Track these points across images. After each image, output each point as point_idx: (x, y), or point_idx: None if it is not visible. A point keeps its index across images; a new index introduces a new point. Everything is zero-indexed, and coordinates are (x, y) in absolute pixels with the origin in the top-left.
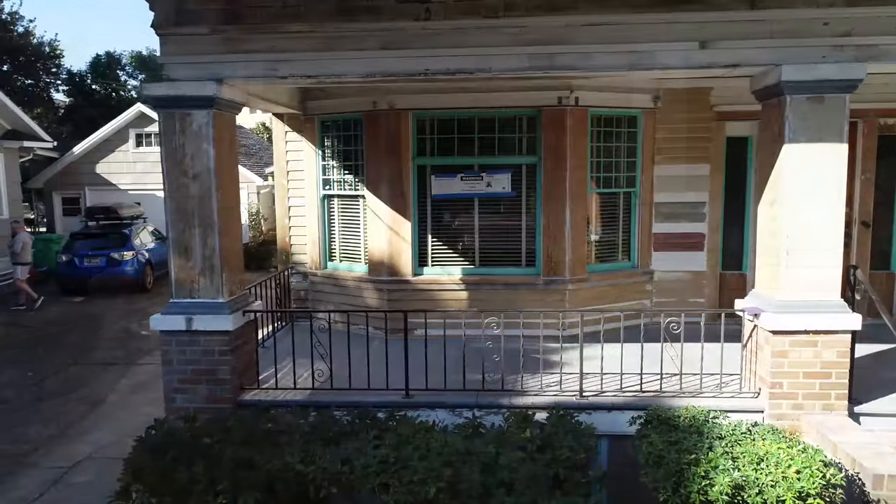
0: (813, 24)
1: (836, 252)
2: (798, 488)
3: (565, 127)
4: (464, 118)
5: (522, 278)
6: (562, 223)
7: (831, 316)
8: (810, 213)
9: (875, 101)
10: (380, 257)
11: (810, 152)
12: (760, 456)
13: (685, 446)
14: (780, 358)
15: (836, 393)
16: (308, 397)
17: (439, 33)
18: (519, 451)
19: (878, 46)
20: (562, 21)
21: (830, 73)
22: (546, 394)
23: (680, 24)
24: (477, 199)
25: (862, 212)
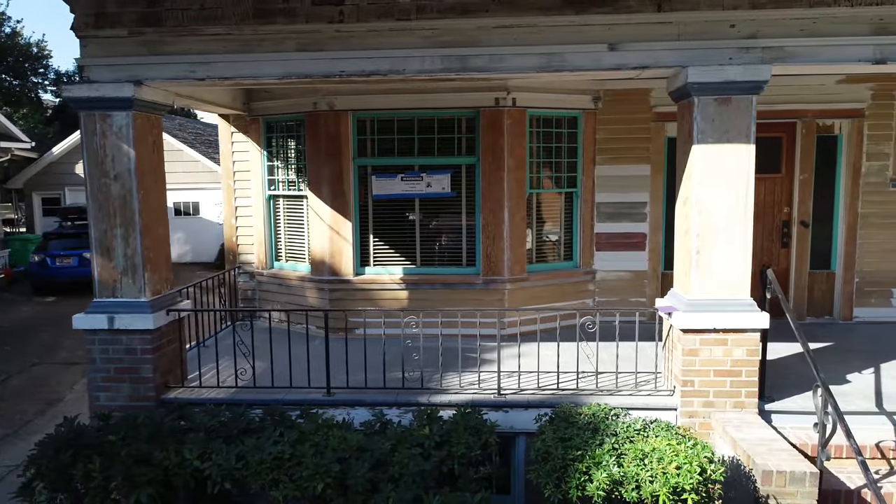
0: (720, 26)
1: (744, 251)
2: (673, 483)
3: (503, 128)
4: (404, 119)
5: (462, 278)
6: (500, 223)
7: (740, 315)
8: (719, 212)
9: (813, 103)
10: (321, 257)
11: (718, 152)
12: (646, 452)
13: (575, 443)
14: (691, 356)
15: (746, 391)
16: (232, 395)
17: (353, 35)
18: (417, 448)
19: (784, 48)
20: (473, 24)
21: (736, 75)
22: (466, 392)
23: (589, 27)
24: (418, 199)
25: (801, 212)
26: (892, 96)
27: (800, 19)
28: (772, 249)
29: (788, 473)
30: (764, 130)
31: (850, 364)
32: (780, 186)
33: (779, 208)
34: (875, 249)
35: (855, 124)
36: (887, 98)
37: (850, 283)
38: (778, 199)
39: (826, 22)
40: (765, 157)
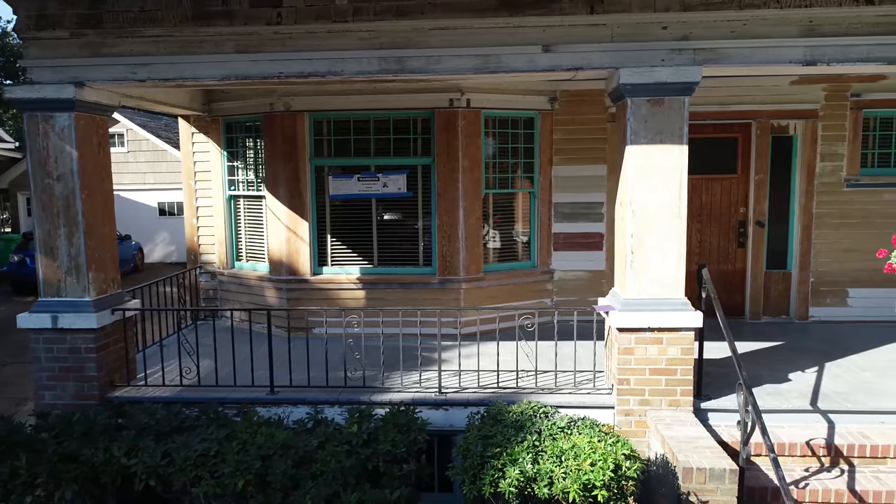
0: (652, 28)
1: (679, 251)
2: (584, 480)
3: (457, 128)
4: (360, 119)
5: (418, 277)
6: (455, 223)
7: (675, 314)
8: (653, 213)
9: (767, 103)
10: (279, 257)
11: (652, 153)
12: (564, 449)
13: (496, 440)
14: (627, 355)
15: (681, 389)
16: (177, 394)
17: (292, 37)
18: (345, 446)
19: (716, 50)
20: (409, 25)
21: (668, 77)
22: (408, 391)
23: (524, 29)
24: (374, 199)
25: (756, 212)
26: (845, 97)
27: (730, 21)
28: (728, 249)
29: (708, 470)
30: (719, 131)
31: (796, 363)
32: (736, 187)
33: (735, 208)
34: (830, 249)
35: (809, 125)
36: (840, 99)
37: (805, 283)
38: (734, 199)
39: (756, 24)
40: (721, 157)
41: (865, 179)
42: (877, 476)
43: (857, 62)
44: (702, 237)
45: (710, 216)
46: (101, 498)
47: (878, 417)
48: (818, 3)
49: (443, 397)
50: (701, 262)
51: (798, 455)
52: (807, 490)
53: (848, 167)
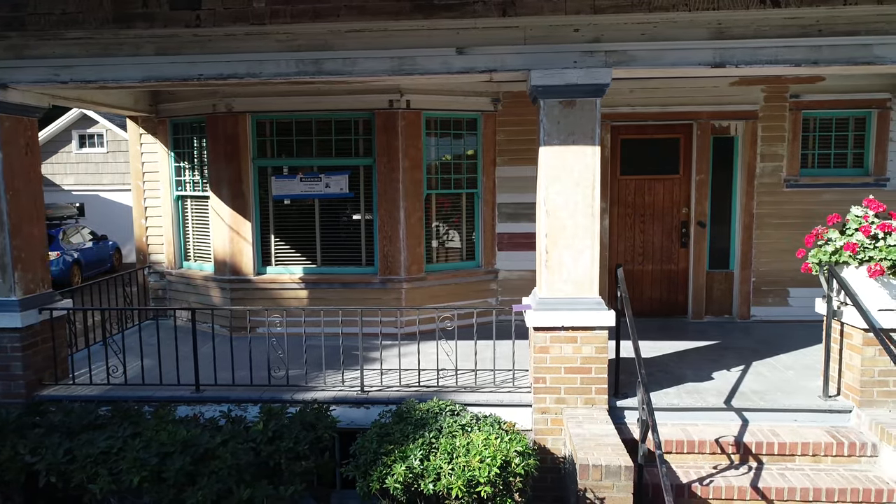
0: (564, 31)
1: (592, 251)
2: (468, 476)
3: (397, 129)
4: (302, 120)
5: (360, 277)
6: (396, 223)
7: (588, 313)
8: (566, 213)
9: (708, 104)
10: (223, 257)
11: (564, 154)
12: (456, 447)
13: (393, 438)
14: (542, 353)
15: (596, 387)
16: (104, 392)
17: (211, 39)
18: (250, 443)
19: (627, 52)
20: (326, 28)
21: (578, 78)
22: (331, 389)
23: (438, 31)
24: (317, 199)
25: (698, 212)
26: (784, 98)
27: (641, 24)
28: (671, 249)
29: (604, 467)
30: (661, 132)
31: (724, 362)
32: (678, 187)
33: (677, 209)
34: (770, 249)
35: (749, 126)
36: (780, 100)
37: (747, 283)
38: (676, 199)
39: (666, 26)
40: (663, 158)
41: (805, 180)
42: (783, 473)
43: (765, 64)
44: (645, 237)
45: (652, 216)
46: (8, 495)
47: (792, 416)
48: (726, 6)
49: (364, 395)
50: (644, 262)
51: (708, 452)
52: (710, 487)
53: (788, 168)
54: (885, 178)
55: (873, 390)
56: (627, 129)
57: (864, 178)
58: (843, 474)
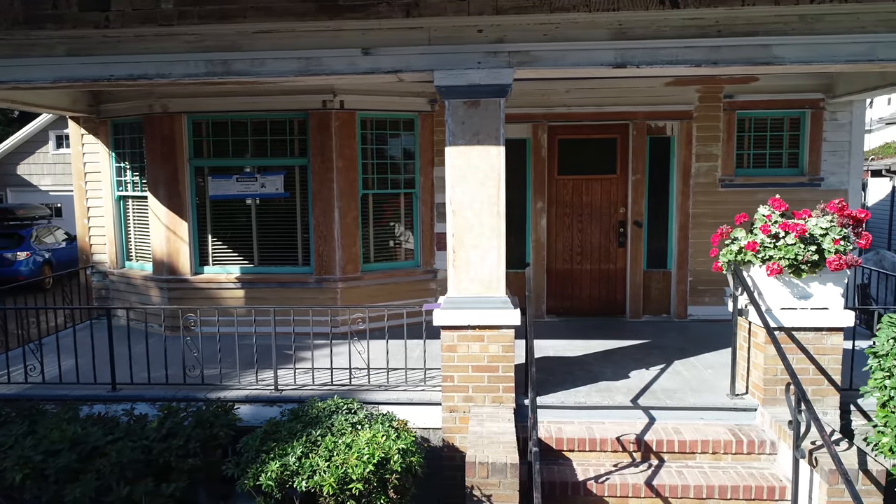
0: (468, 31)
1: (499, 250)
2: (340, 474)
3: (331, 130)
4: (238, 120)
5: (296, 277)
6: (331, 223)
7: (495, 312)
8: (472, 212)
9: (643, 105)
10: (161, 257)
11: (469, 154)
12: (338, 444)
13: (280, 436)
14: (450, 352)
15: (503, 386)
16: (22, 391)
17: (121, 40)
18: (143, 441)
19: (530, 52)
20: (233, 29)
21: (481, 79)
22: (246, 388)
23: (344, 32)
24: (254, 199)
25: (635, 212)
26: (718, 98)
27: (543, 24)
28: (609, 249)
29: (490, 465)
30: (598, 132)
31: (646, 361)
32: (615, 187)
33: (615, 208)
34: (707, 249)
35: (684, 126)
36: (714, 100)
37: (684, 282)
38: (614, 199)
39: (568, 27)
40: (600, 158)
41: (740, 180)
42: (680, 471)
43: (665, 64)
44: (583, 237)
45: (590, 216)
46: None
47: (699, 414)
48: (626, 7)
49: (277, 394)
50: (583, 261)
51: (609, 450)
52: (605, 484)
53: (723, 168)
54: (820, 177)
55: (776, 388)
56: (565, 130)
57: (799, 177)
58: (740, 472)
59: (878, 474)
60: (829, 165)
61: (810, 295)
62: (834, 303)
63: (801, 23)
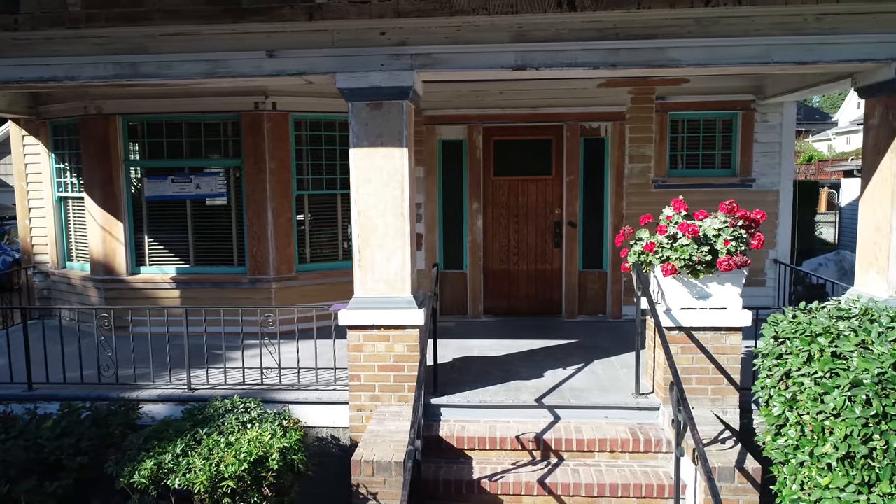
0: (371, 34)
1: (404, 250)
2: (213, 472)
3: (263, 131)
4: (173, 122)
5: (230, 277)
6: (265, 224)
7: (400, 312)
8: (377, 213)
9: (577, 106)
10: (98, 257)
11: (373, 155)
12: (219, 442)
13: (167, 435)
14: (356, 352)
15: (409, 385)
16: None
17: (31, 43)
18: (36, 440)
19: (432, 55)
20: (141, 32)
21: (382, 81)
22: (160, 387)
23: (249, 35)
24: (189, 200)
25: (569, 212)
26: (651, 100)
27: (444, 27)
28: (545, 249)
29: (375, 463)
30: (533, 133)
31: (567, 360)
32: (550, 188)
33: (551, 209)
34: None
35: (617, 127)
36: (646, 101)
37: (618, 283)
38: (549, 200)
39: (469, 30)
40: (535, 159)
41: (673, 180)
42: (576, 469)
43: (565, 67)
44: (519, 237)
45: (526, 217)
46: None
47: (603, 413)
48: (524, 10)
49: (190, 393)
50: (520, 262)
51: (509, 449)
52: (499, 483)
53: (656, 168)
54: (751, 178)
55: None
56: (500, 131)
57: (731, 178)
58: (635, 470)
59: (754, 472)
60: (761, 167)
61: (709, 295)
62: (732, 303)
63: (698, 26)
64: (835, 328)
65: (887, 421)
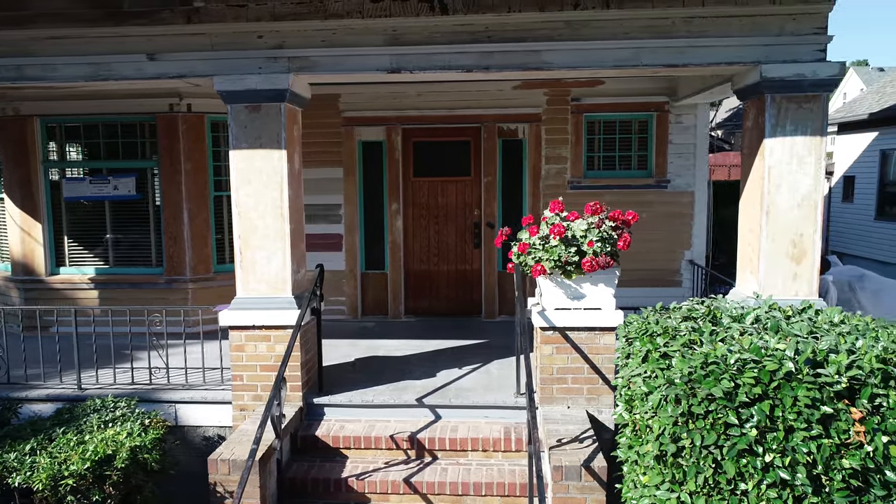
0: (249, 37)
1: (284, 251)
2: (54, 471)
3: (178, 133)
4: (90, 123)
5: (148, 277)
6: (181, 224)
7: (281, 312)
8: (256, 214)
9: (494, 107)
10: (17, 258)
11: (252, 157)
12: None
13: (24, 434)
14: (238, 352)
15: (291, 385)
16: None
17: None
18: None
19: (309, 58)
20: (26, 35)
21: (258, 84)
22: (51, 387)
23: (131, 38)
24: (108, 201)
25: (487, 213)
26: (566, 101)
27: (320, 31)
28: (465, 250)
29: (231, 461)
30: (452, 135)
31: (467, 360)
32: (469, 189)
33: (470, 210)
34: None
35: (533, 128)
36: (562, 103)
37: (535, 283)
38: (469, 201)
39: (345, 33)
40: (454, 160)
41: (589, 181)
42: (445, 468)
43: (438, 70)
44: (440, 238)
45: (446, 218)
46: None
47: (483, 412)
48: (397, 14)
49: (80, 393)
50: (440, 262)
51: (384, 448)
52: (366, 481)
53: (572, 169)
54: (667, 179)
55: (552, 387)
56: (419, 132)
57: (647, 179)
58: (504, 469)
59: (600, 470)
60: (676, 167)
61: (583, 295)
62: (606, 303)
63: (569, 29)
64: (674, 329)
65: (693, 420)
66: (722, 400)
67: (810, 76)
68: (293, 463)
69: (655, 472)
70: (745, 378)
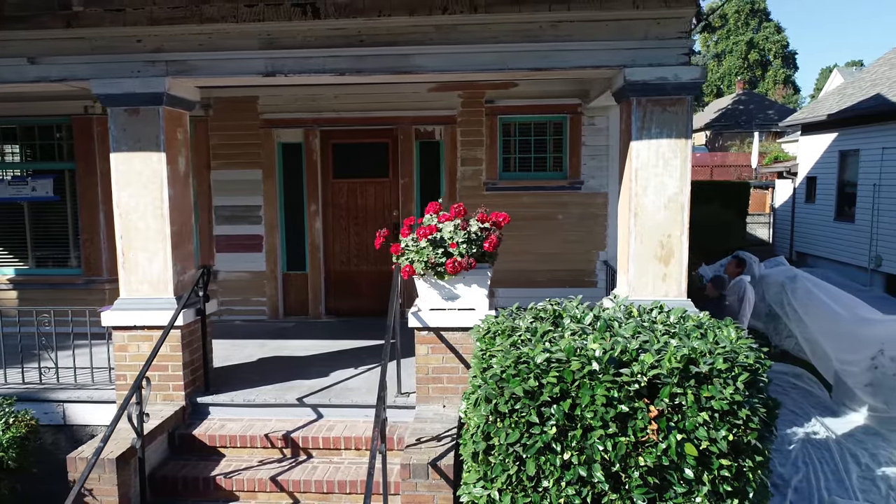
0: (127, 41)
1: (165, 252)
2: None
3: (93, 134)
4: (8, 126)
5: (66, 278)
6: (97, 226)
7: (163, 312)
8: (137, 215)
9: (410, 109)
10: None
11: (132, 159)
12: None
13: None
14: (122, 352)
15: (173, 384)
16: None
17: None
18: None
19: (187, 62)
20: None
21: (136, 87)
22: None
23: (12, 42)
24: (27, 202)
25: (404, 214)
26: (480, 103)
27: (197, 35)
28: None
29: (77, 459)
30: (369, 136)
31: (365, 360)
32: (388, 190)
33: (389, 211)
34: None
35: (449, 130)
36: (476, 105)
37: None
38: (387, 202)
39: (221, 37)
40: (373, 162)
41: (504, 183)
42: (316, 466)
43: (313, 73)
44: (360, 239)
45: (366, 219)
46: None
47: (363, 412)
48: (271, 18)
49: None
50: (360, 263)
51: (259, 447)
52: (234, 480)
53: (487, 171)
54: (580, 181)
55: (428, 387)
56: (338, 134)
57: (562, 181)
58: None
59: (446, 469)
60: (590, 169)
61: (458, 296)
62: (479, 303)
63: (438, 33)
64: (511, 329)
65: (501, 419)
66: (525, 399)
67: (673, 80)
68: (169, 462)
69: (473, 469)
70: (548, 378)
